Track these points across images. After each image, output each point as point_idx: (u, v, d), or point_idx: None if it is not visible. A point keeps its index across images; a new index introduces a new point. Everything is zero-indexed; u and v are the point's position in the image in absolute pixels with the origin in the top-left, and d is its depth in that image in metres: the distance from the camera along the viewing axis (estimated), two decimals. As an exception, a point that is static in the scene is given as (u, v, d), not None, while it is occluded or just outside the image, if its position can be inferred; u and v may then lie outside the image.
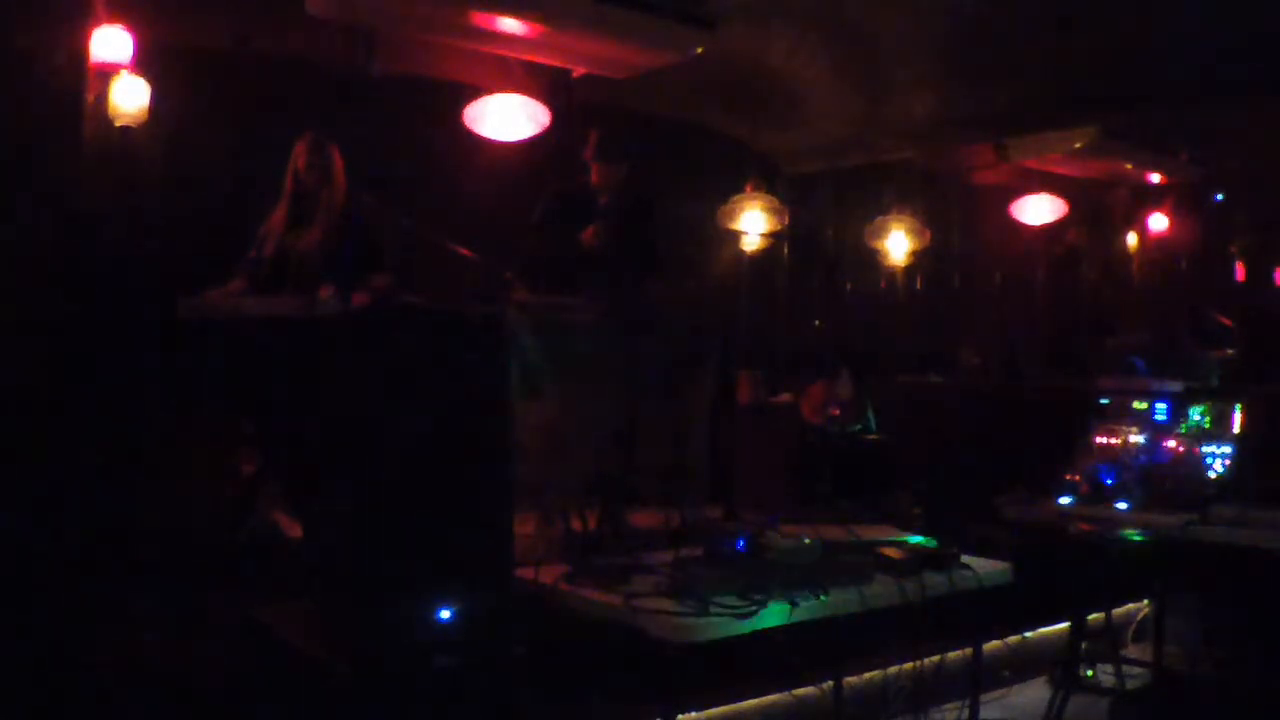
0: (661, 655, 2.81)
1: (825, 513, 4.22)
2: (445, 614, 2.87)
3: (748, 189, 6.83)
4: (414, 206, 4.32)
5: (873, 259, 7.64)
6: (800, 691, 3.74)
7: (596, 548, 3.72)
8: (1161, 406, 4.46)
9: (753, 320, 7.19)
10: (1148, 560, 4.25)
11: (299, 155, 4.30)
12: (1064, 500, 4.30)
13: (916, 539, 3.68)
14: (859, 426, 5.52)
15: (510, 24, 4.79)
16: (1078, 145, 6.52)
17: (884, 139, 6.70)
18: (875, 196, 7.52)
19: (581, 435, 4.04)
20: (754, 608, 2.86)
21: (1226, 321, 6.56)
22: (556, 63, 5.39)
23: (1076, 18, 4.82)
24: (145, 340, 4.26)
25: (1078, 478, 4.35)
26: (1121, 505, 4.19)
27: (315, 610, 3.10)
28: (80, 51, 4.25)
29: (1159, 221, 7.87)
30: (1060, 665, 4.41)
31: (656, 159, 5.55)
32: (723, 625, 2.81)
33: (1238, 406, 4.30)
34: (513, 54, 5.26)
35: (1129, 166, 7.20)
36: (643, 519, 4.20)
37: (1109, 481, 4.27)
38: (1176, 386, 4.85)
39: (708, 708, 3.56)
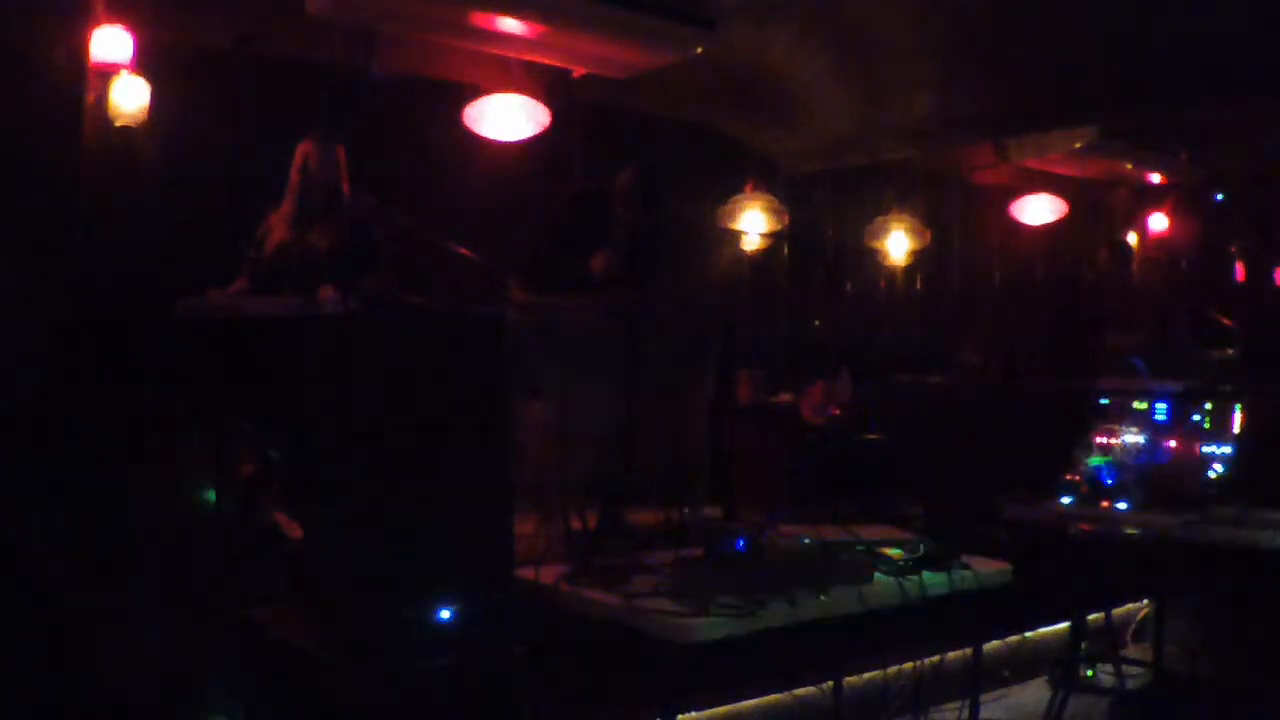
0: (661, 655, 2.81)
1: (825, 513, 4.21)
2: (445, 614, 2.87)
3: (748, 189, 6.85)
4: (414, 206, 4.33)
5: (873, 259, 7.65)
6: (800, 691, 3.74)
7: (596, 548, 3.72)
8: (1161, 406, 4.46)
9: (753, 320, 7.19)
10: (1148, 560, 4.24)
11: (304, 154, 4.28)
12: (1064, 500, 4.29)
13: (916, 539, 3.68)
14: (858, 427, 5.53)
15: (510, 24, 4.79)
16: (1078, 145, 6.53)
17: (884, 139, 6.69)
18: (875, 196, 7.54)
19: (581, 435, 4.04)
20: (754, 608, 2.86)
21: (1226, 321, 6.56)
22: (556, 63, 5.38)
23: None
24: (145, 340, 4.25)
25: (1078, 478, 4.34)
26: (1121, 505, 4.18)
27: (315, 610, 3.10)
28: (80, 51, 4.25)
29: (1159, 221, 7.88)
30: (1060, 665, 4.41)
31: (656, 159, 5.55)
32: (723, 625, 2.80)
33: (1238, 406, 4.30)
34: (513, 54, 5.26)
35: (1129, 166, 7.21)
36: (643, 519, 4.20)
37: (1109, 481, 4.27)
38: (1176, 386, 4.85)
39: (708, 708, 3.56)
